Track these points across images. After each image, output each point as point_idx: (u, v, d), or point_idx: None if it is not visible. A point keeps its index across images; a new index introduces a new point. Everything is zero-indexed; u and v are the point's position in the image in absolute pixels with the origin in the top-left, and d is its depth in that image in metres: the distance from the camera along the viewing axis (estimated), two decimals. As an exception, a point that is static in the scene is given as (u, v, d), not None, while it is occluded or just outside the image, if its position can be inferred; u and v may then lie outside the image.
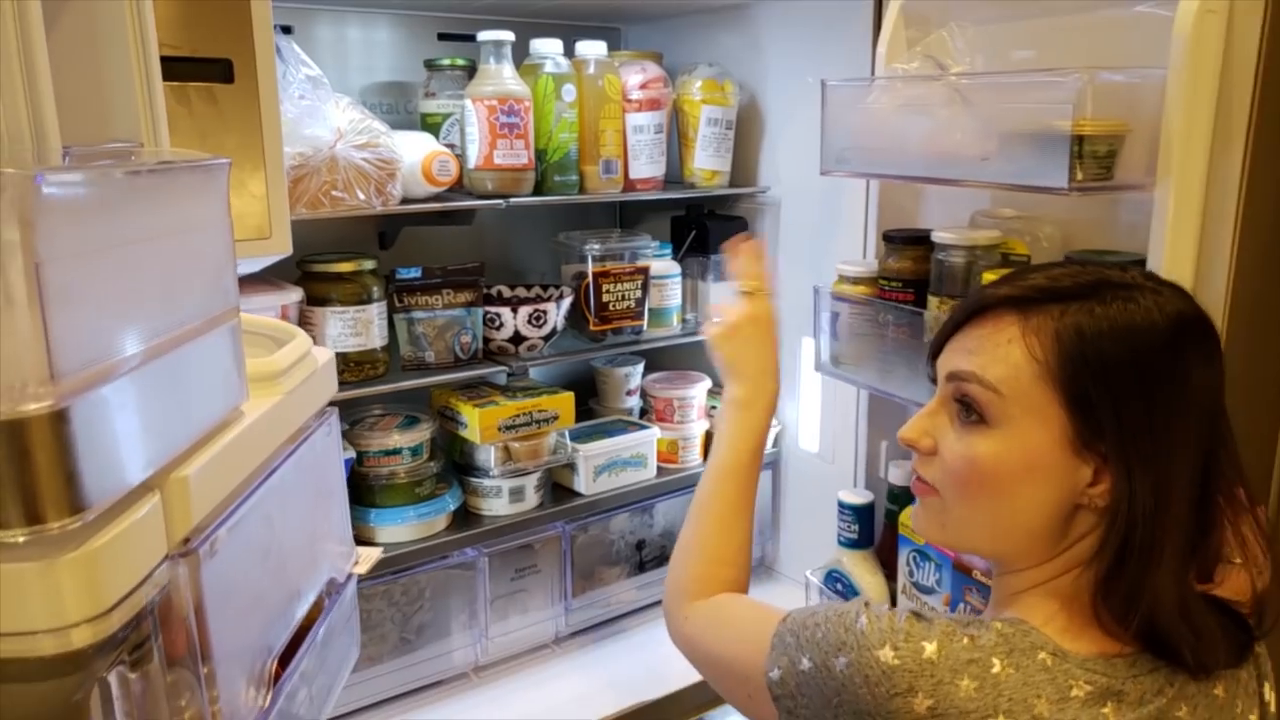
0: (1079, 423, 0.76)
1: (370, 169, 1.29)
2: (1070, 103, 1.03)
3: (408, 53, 1.71)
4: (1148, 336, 0.76)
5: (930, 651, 0.75)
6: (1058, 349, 0.77)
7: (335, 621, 0.90)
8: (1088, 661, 0.76)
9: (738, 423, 1.11)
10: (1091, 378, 0.76)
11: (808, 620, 0.83)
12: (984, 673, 0.74)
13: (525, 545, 1.58)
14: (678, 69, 1.73)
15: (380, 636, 1.46)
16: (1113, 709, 0.74)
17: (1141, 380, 0.75)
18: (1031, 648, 0.76)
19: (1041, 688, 0.73)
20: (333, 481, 0.93)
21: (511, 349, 1.53)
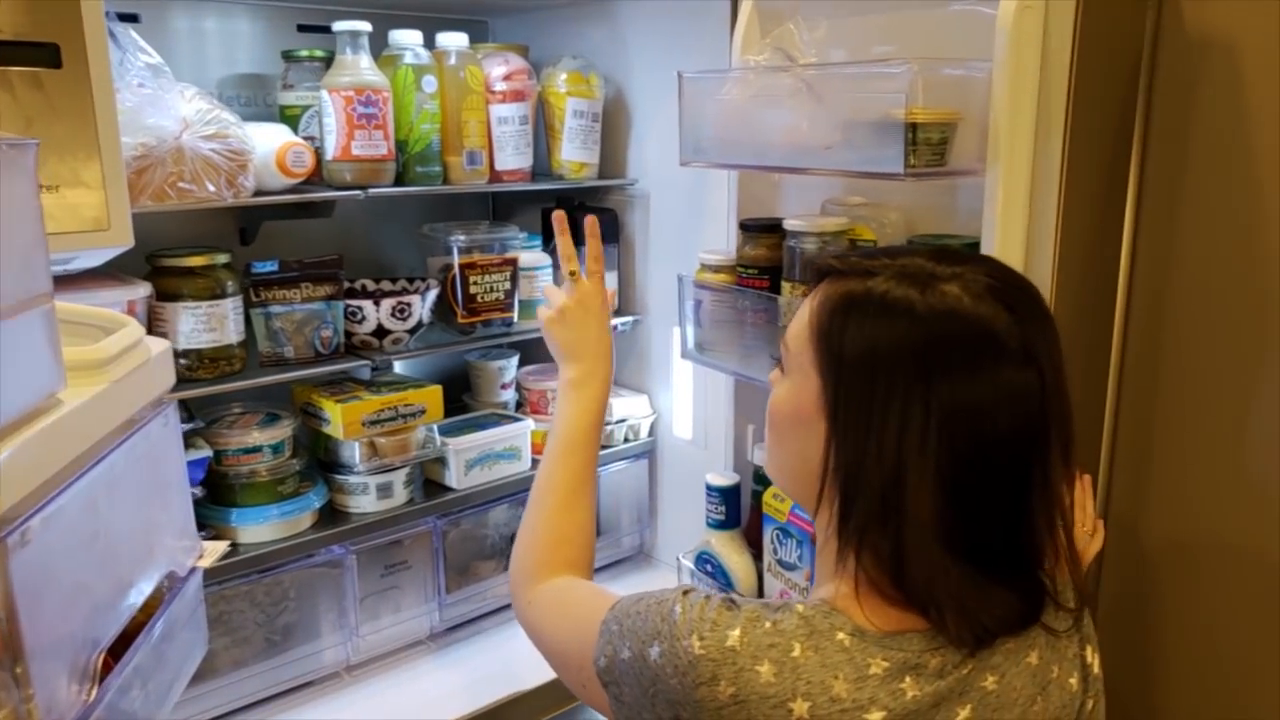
0: (827, 385, 0.80)
1: (220, 160, 1.26)
2: (903, 92, 1.07)
3: (267, 44, 1.68)
4: (917, 315, 0.76)
5: (734, 639, 0.76)
6: (820, 313, 0.81)
7: (176, 616, 0.88)
8: (886, 639, 0.77)
9: (573, 402, 1.14)
10: (828, 345, 0.80)
11: (631, 609, 0.84)
12: (783, 656, 0.75)
13: (395, 542, 1.57)
14: (543, 62, 1.74)
15: (244, 639, 1.43)
16: (911, 682, 0.76)
17: (872, 361, 0.77)
18: (831, 629, 0.77)
19: (840, 668, 0.75)
20: (171, 474, 0.91)
21: (375, 343, 1.51)
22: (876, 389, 0.77)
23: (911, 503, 0.75)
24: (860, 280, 0.80)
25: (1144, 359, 1.19)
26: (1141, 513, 1.23)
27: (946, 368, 0.75)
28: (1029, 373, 0.76)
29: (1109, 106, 1.11)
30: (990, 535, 0.78)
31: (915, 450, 0.75)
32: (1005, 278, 0.81)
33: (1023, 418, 0.76)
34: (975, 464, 0.76)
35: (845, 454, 0.79)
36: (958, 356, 0.76)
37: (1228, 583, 1.16)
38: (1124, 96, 1.12)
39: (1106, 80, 1.09)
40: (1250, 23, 1.05)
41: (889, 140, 1.10)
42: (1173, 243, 1.15)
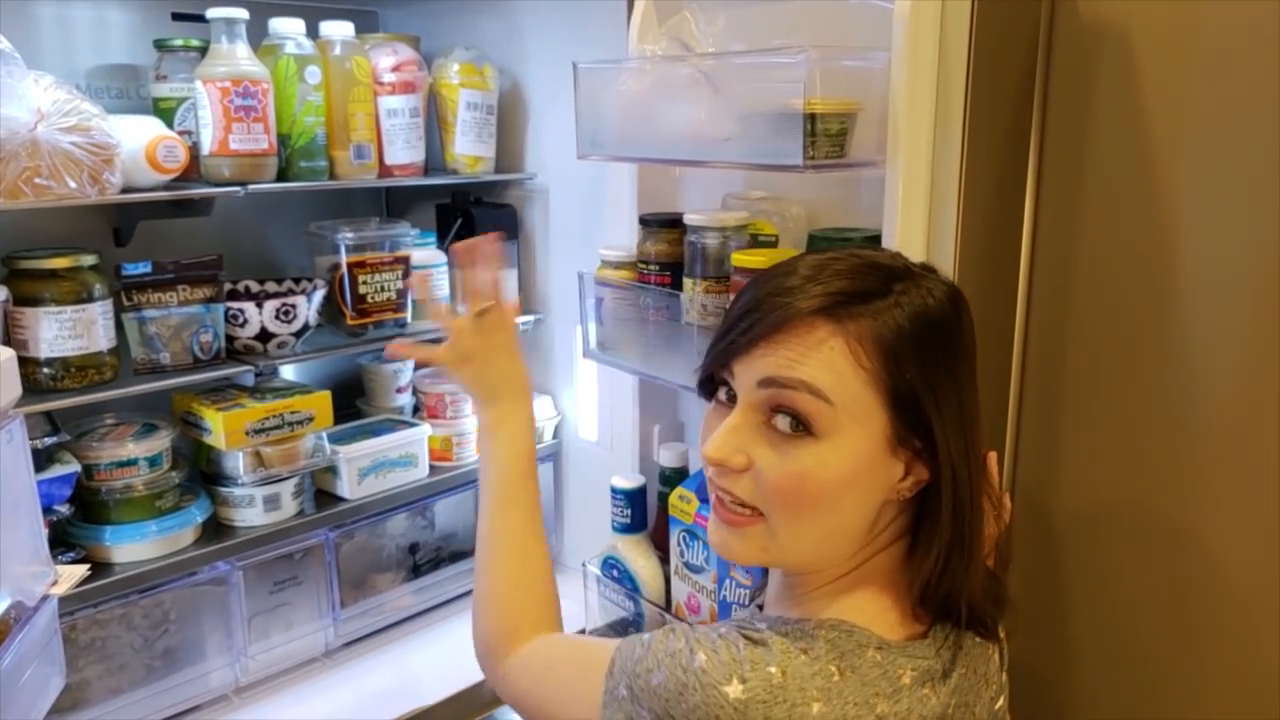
0: (897, 422, 0.76)
1: (81, 154, 1.18)
2: (801, 82, 1.04)
3: (140, 33, 1.58)
4: (942, 320, 0.79)
5: (777, 676, 0.72)
6: (880, 352, 0.75)
7: (26, 649, 0.80)
8: (908, 647, 0.78)
9: (499, 445, 1.05)
10: (914, 373, 0.76)
11: (638, 667, 0.77)
12: (828, 684, 0.73)
13: (285, 556, 1.49)
14: (437, 54, 1.68)
15: (120, 665, 1.34)
16: (931, 688, 0.77)
17: (948, 363, 0.79)
18: (859, 647, 0.76)
19: (878, 685, 0.74)
20: (19, 495, 0.84)
21: (259, 347, 1.43)
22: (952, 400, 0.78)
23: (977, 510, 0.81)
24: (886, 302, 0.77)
25: (1047, 344, 1.19)
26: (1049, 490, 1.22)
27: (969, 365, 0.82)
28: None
29: (1006, 97, 1.10)
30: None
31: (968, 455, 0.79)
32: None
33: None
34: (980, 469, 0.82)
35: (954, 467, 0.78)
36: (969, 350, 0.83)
37: (1136, 554, 1.17)
38: (1021, 87, 1.12)
39: (1003, 71, 1.08)
40: (1143, 11, 1.05)
41: (788, 131, 1.07)
42: (1073, 229, 1.14)
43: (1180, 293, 1.08)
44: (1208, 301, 1.06)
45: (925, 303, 0.78)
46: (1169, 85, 1.05)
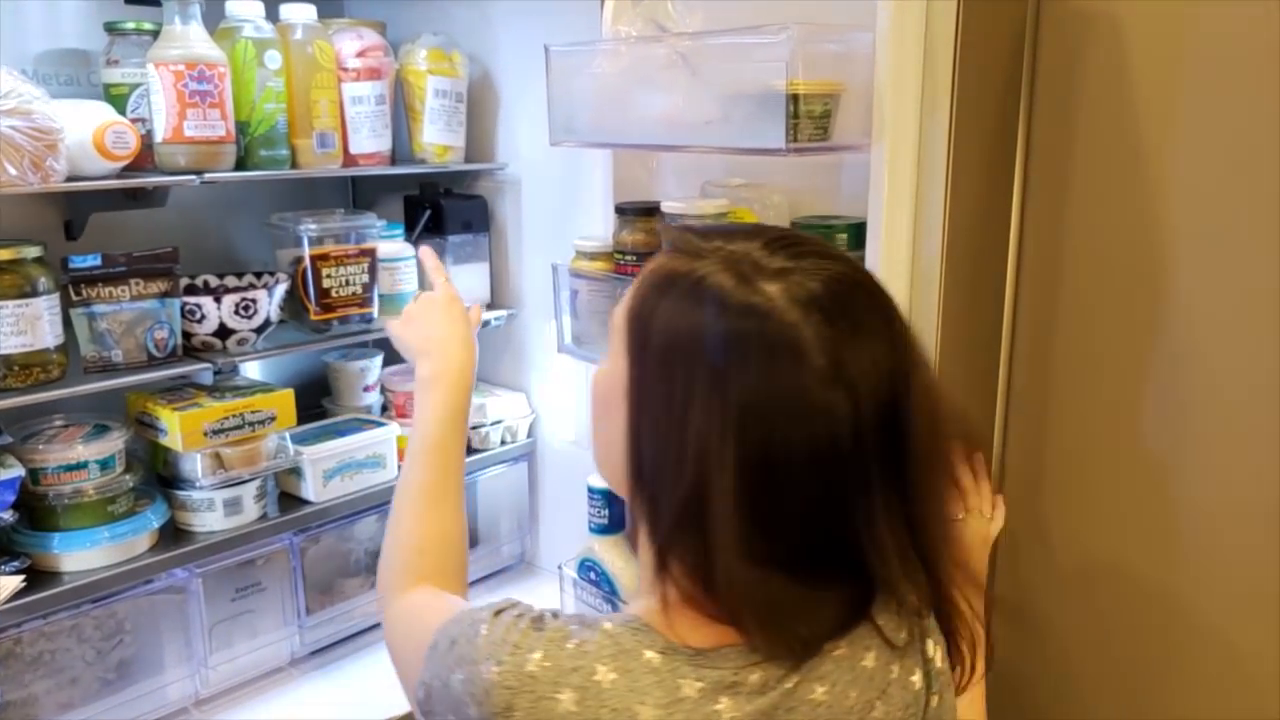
0: (628, 368, 0.75)
1: (22, 140, 1.11)
2: (784, 62, 1.00)
3: (92, 17, 1.51)
4: (704, 312, 0.71)
5: (534, 664, 0.70)
6: (638, 289, 0.76)
7: (-48, 672, 0.74)
8: (700, 656, 0.71)
9: (429, 400, 1.05)
10: (639, 325, 0.74)
11: (450, 629, 0.76)
12: (586, 681, 0.69)
13: (247, 562, 1.43)
14: (403, 40, 1.62)
15: (72, 680, 1.28)
16: (728, 703, 0.70)
17: (673, 349, 0.72)
18: (638, 647, 0.71)
19: (648, 691, 0.69)
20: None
21: (217, 344, 1.37)
22: (675, 381, 0.71)
23: (714, 508, 0.69)
24: (686, 260, 0.73)
25: (1036, 331, 1.17)
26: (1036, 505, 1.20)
27: (742, 370, 0.69)
28: (835, 392, 0.69)
29: (994, 78, 1.07)
30: (804, 548, 0.72)
31: (714, 453, 0.69)
32: (845, 286, 0.73)
33: (825, 438, 0.69)
34: (775, 476, 0.69)
35: (646, 449, 0.73)
36: (755, 360, 0.69)
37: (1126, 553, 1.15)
38: (1009, 68, 1.08)
39: (991, 51, 1.05)
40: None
41: (770, 114, 1.02)
42: (1061, 213, 1.12)
43: (1170, 276, 1.06)
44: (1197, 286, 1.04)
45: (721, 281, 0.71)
46: (1157, 67, 1.03)
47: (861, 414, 0.70)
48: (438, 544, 0.97)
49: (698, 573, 0.71)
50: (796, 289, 0.70)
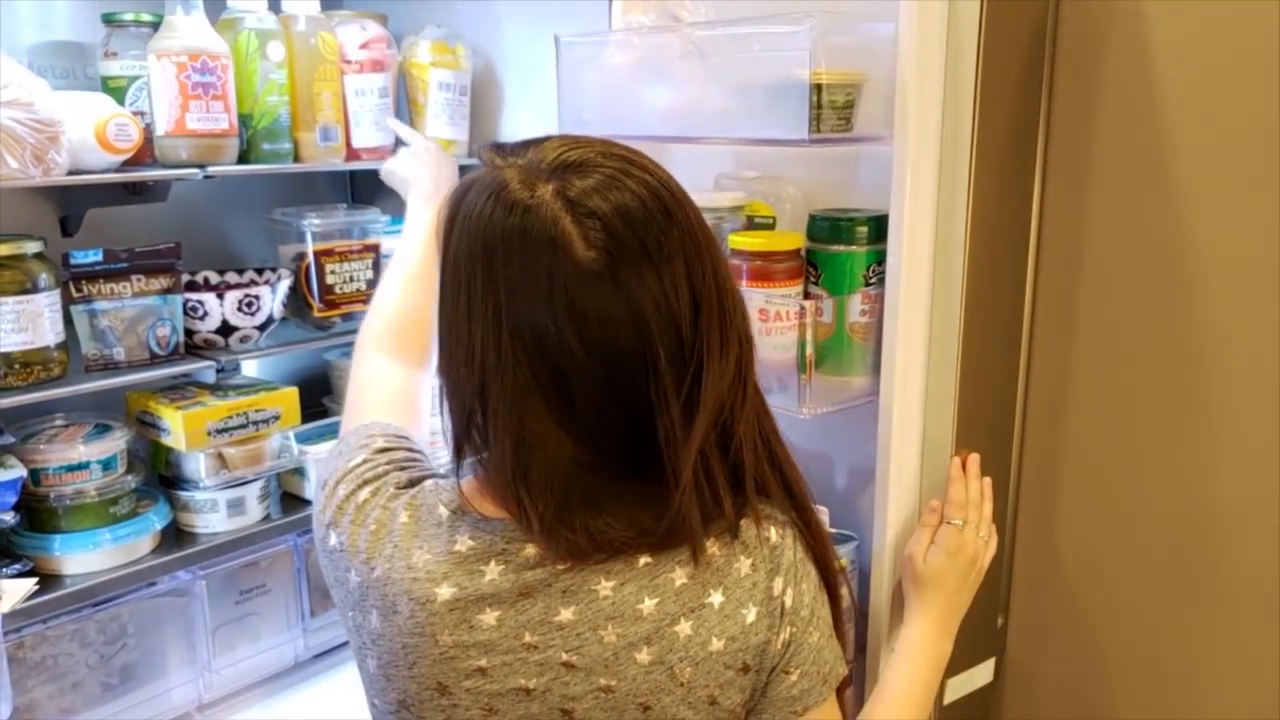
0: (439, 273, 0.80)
1: (24, 131, 1.08)
2: (806, 50, 0.98)
3: (87, 8, 1.48)
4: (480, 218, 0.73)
5: (360, 498, 0.81)
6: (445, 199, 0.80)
7: (-36, 679, 0.72)
8: (483, 522, 0.77)
9: (422, 216, 1.21)
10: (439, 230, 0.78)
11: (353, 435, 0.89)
12: (386, 517, 0.79)
13: (251, 563, 1.41)
14: (406, 33, 1.60)
15: (73, 685, 1.26)
16: (496, 567, 0.76)
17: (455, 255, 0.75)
18: (436, 503, 0.79)
19: (427, 541, 0.77)
20: (-47, 506, 0.75)
21: (220, 341, 1.34)
22: (459, 279, 0.74)
23: (492, 408, 0.74)
24: (489, 171, 0.76)
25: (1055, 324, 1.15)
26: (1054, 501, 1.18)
27: (509, 272, 0.72)
28: (607, 293, 0.71)
29: (1016, 70, 1.05)
30: (599, 449, 0.75)
31: (490, 353, 0.73)
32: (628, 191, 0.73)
33: (603, 338, 0.72)
34: (555, 375, 0.73)
35: (442, 340, 0.78)
36: (520, 263, 0.72)
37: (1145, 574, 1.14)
38: (1031, 59, 1.07)
39: (1014, 43, 1.03)
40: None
41: (791, 104, 1.00)
42: (1082, 210, 1.11)
43: (1189, 269, 1.05)
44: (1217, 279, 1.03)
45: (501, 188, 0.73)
46: (1178, 60, 1.02)
47: (640, 314, 0.71)
48: (406, 315, 1.08)
49: (484, 464, 0.77)
50: (572, 192, 0.72)
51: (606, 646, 0.75)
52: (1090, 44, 1.07)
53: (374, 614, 0.77)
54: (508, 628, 0.75)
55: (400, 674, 0.77)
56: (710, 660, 0.77)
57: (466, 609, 0.75)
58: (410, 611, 0.75)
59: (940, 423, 1.06)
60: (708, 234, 0.77)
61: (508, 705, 0.76)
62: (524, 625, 0.75)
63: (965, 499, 1.03)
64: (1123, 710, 1.17)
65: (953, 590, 1.00)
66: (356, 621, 0.80)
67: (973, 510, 1.04)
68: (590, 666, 0.76)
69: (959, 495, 1.03)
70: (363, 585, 0.78)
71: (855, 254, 1.07)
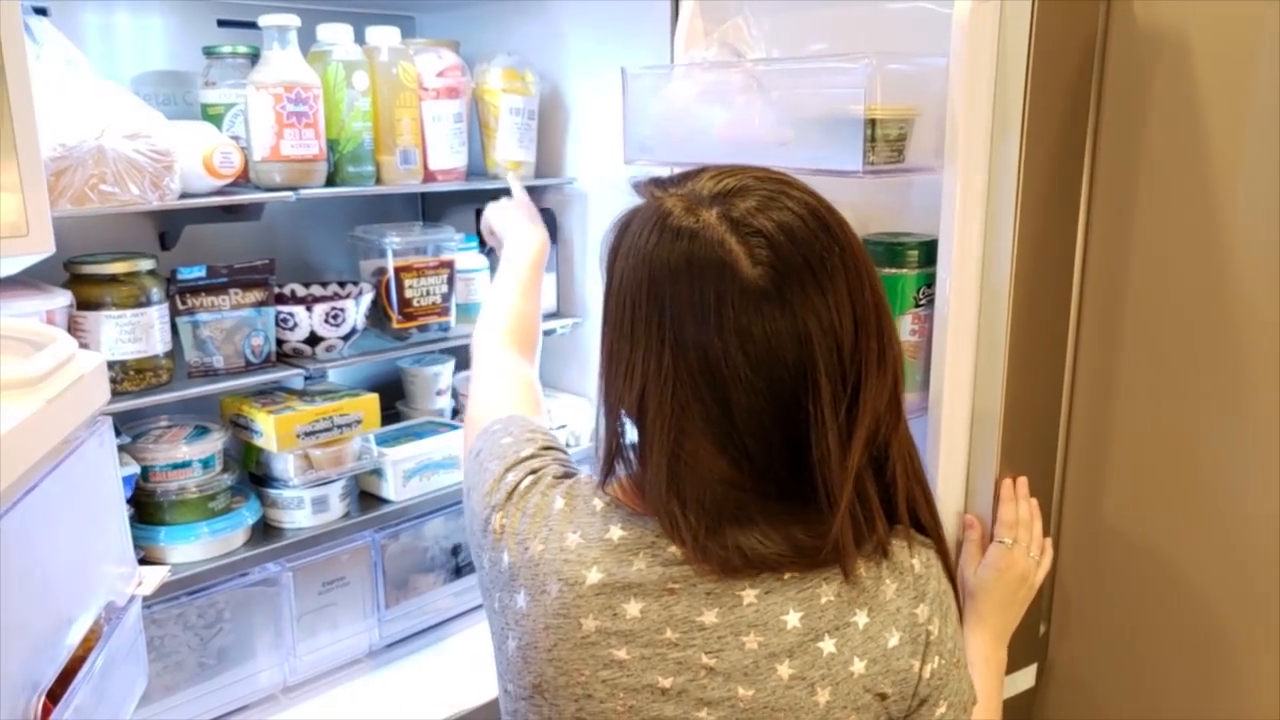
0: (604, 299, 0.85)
1: (144, 161, 1.19)
2: (862, 88, 1.06)
3: (185, 40, 1.60)
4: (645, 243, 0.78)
5: (525, 485, 0.86)
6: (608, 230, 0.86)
7: (116, 649, 0.82)
8: (635, 516, 0.81)
9: (512, 265, 1.32)
10: (604, 260, 0.84)
11: (507, 427, 0.94)
12: (546, 502, 0.84)
13: (332, 557, 1.51)
14: (475, 59, 1.69)
15: (176, 664, 1.36)
16: (644, 558, 0.79)
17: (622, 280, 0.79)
18: (591, 495, 0.84)
19: (581, 526, 0.81)
20: (108, 497, 0.85)
21: (308, 350, 1.45)
22: (625, 306, 0.78)
23: (652, 426, 0.77)
24: (652, 197, 0.81)
25: (1099, 350, 1.20)
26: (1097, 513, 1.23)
27: (677, 294, 0.75)
28: (775, 313, 0.73)
29: (1063, 100, 1.11)
30: (755, 468, 0.77)
31: (655, 376, 0.76)
32: (791, 212, 0.76)
33: (769, 359, 0.74)
34: (719, 396, 0.75)
35: (604, 365, 0.82)
36: (689, 284, 0.75)
37: (1186, 584, 1.18)
38: (1077, 92, 1.12)
39: (1060, 75, 1.09)
40: (1200, 16, 1.06)
41: (846, 137, 1.08)
42: (1127, 238, 1.16)
43: (1236, 301, 1.08)
44: (1264, 309, 1.07)
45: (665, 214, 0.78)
46: (1226, 88, 1.06)
47: (805, 335, 0.74)
48: (524, 318, 1.22)
49: (638, 476, 0.81)
50: (739, 214, 0.75)
51: (748, 654, 0.75)
52: (1137, 72, 1.12)
53: (521, 594, 0.80)
54: (650, 620, 0.76)
55: (539, 656, 0.79)
56: (850, 681, 0.77)
57: (612, 595, 0.77)
58: (558, 592, 0.78)
59: (987, 437, 1.12)
60: (865, 254, 0.79)
61: (642, 702, 0.76)
62: (666, 621, 0.76)
63: (1015, 519, 1.08)
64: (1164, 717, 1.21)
65: (1000, 604, 1.04)
66: (503, 602, 0.83)
67: (1022, 530, 1.07)
68: (729, 672, 0.76)
69: (1009, 515, 1.08)
70: (514, 566, 0.81)
71: (906, 276, 1.14)
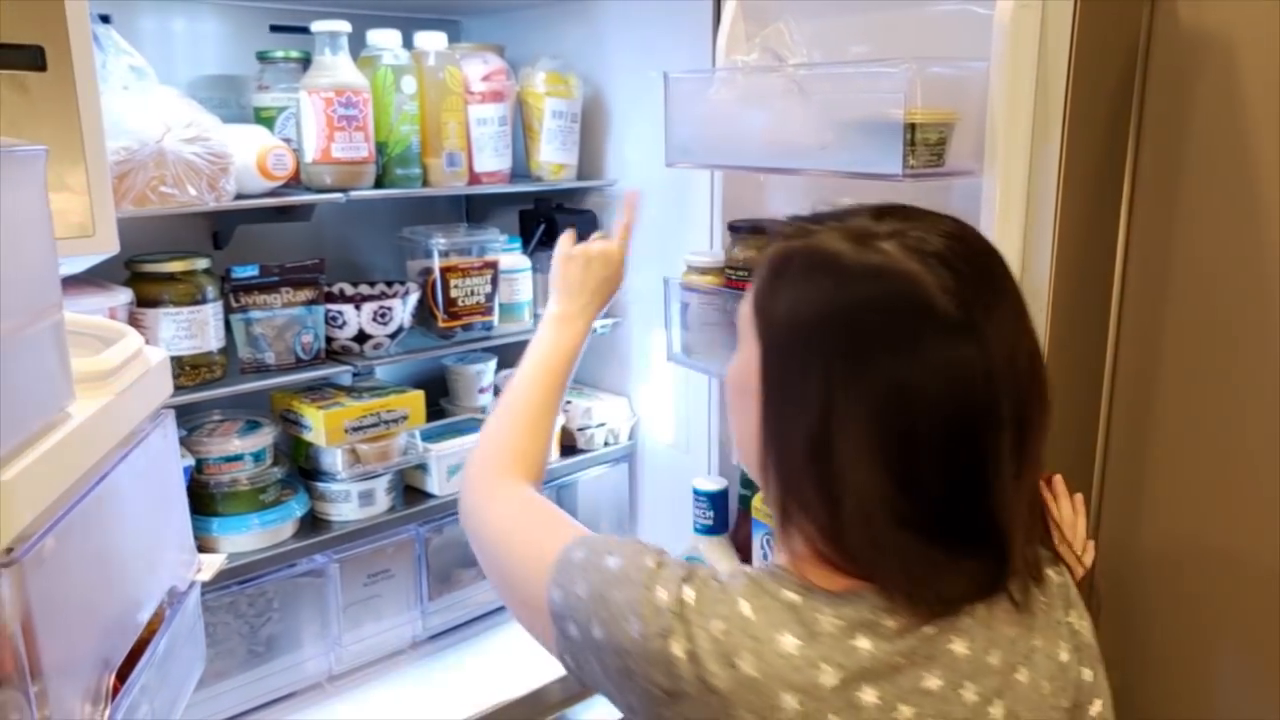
0: (760, 351, 0.78)
1: (201, 163, 1.23)
2: (902, 92, 1.07)
3: (238, 45, 1.65)
4: (823, 282, 0.73)
5: (690, 597, 0.74)
6: (757, 276, 0.79)
7: (178, 632, 0.85)
8: (836, 597, 0.74)
9: (558, 334, 1.16)
10: (762, 308, 0.77)
11: (601, 547, 0.81)
12: (731, 612, 0.73)
13: (377, 550, 1.54)
14: (520, 63, 1.72)
15: (228, 650, 1.40)
16: (867, 640, 0.72)
17: (796, 324, 0.75)
18: (778, 588, 0.75)
19: (787, 625, 0.72)
20: (171, 486, 0.89)
21: (356, 348, 1.48)
22: (801, 354, 0.74)
23: (843, 475, 0.72)
24: (800, 239, 0.77)
25: (1139, 359, 1.21)
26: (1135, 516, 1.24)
27: (869, 333, 0.71)
28: (968, 344, 0.71)
29: (1105, 105, 1.11)
30: (940, 507, 0.73)
31: (842, 421, 0.71)
32: (957, 239, 0.74)
33: (973, 392, 0.71)
34: (909, 437, 0.71)
35: (776, 423, 0.76)
36: (882, 321, 0.71)
37: (1223, 589, 1.18)
38: (1119, 95, 1.13)
39: (1103, 79, 1.10)
40: (1245, 19, 1.06)
41: (886, 141, 1.10)
42: (1168, 243, 1.16)
43: (1276, 298, 1.09)
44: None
45: (837, 249, 0.73)
46: (1271, 91, 1.06)
47: (993, 366, 0.71)
48: (537, 456, 1.07)
49: (829, 533, 0.74)
50: (914, 243, 0.72)
51: (968, 706, 0.74)
52: (1180, 76, 1.12)
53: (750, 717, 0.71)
54: (886, 702, 0.72)
55: None
56: (1043, 703, 0.77)
57: (848, 689, 0.71)
58: (799, 704, 0.70)
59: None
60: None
61: None
62: (897, 698, 0.72)
63: (1059, 518, 1.07)
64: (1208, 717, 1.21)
65: None
66: None
67: (1067, 529, 1.07)
68: None
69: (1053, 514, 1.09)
70: (726, 690, 0.71)
71: (943, 279, 1.15)
